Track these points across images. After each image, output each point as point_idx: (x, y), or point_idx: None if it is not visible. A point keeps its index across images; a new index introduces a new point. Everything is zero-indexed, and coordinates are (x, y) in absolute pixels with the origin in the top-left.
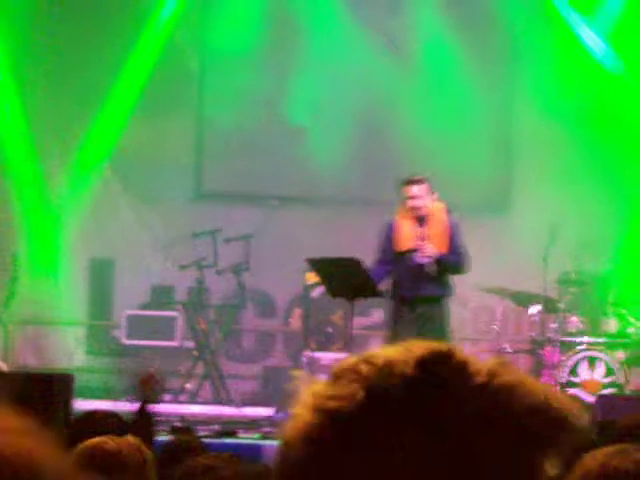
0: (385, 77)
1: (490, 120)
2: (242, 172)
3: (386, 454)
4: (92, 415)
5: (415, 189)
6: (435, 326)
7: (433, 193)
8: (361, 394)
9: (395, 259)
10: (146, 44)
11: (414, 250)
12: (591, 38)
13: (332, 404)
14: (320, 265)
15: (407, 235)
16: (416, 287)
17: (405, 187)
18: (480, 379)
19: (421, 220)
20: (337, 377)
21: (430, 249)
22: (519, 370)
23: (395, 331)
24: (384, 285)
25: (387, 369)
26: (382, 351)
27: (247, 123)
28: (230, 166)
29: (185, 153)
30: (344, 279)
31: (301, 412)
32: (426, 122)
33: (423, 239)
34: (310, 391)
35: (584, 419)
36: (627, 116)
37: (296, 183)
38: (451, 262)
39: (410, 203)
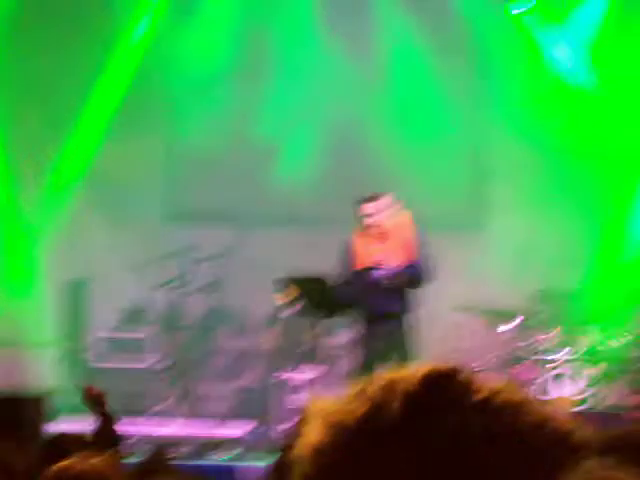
0: (358, 94)
1: (463, 138)
2: (213, 192)
3: (383, 467)
4: (61, 438)
5: (370, 207)
6: (397, 343)
7: (394, 205)
8: (362, 409)
9: (354, 278)
10: (117, 66)
11: (371, 268)
12: (563, 54)
13: (336, 417)
14: (289, 284)
15: (364, 253)
16: (375, 304)
17: (360, 205)
18: (483, 396)
19: (381, 236)
20: (349, 396)
21: (387, 265)
22: (523, 389)
23: (362, 350)
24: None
25: (390, 386)
26: (392, 371)
27: (218, 143)
28: (201, 186)
29: (156, 174)
30: (314, 298)
31: (311, 425)
32: (400, 140)
33: (382, 256)
34: (319, 407)
35: (586, 436)
36: (598, 135)
37: (267, 202)
38: (408, 276)
39: (366, 221)
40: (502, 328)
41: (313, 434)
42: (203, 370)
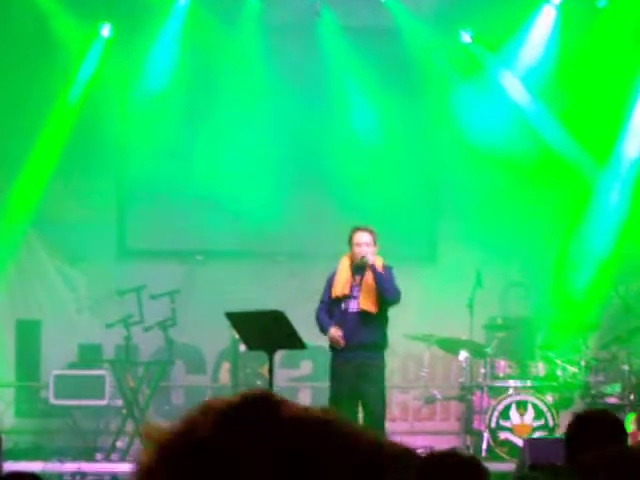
0: (313, 130)
1: (419, 174)
2: (165, 228)
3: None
4: (13, 477)
5: (364, 236)
6: (371, 374)
7: (376, 245)
8: (180, 428)
9: (332, 304)
10: (66, 103)
11: (349, 296)
12: (515, 88)
13: (159, 438)
14: (238, 319)
15: (343, 281)
16: (352, 334)
17: (355, 234)
18: (290, 414)
19: (360, 269)
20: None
21: (372, 255)
22: (346, 419)
23: (334, 378)
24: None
25: (206, 407)
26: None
27: (168, 178)
28: (153, 222)
29: (107, 211)
30: (265, 332)
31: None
32: (355, 173)
33: (359, 288)
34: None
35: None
36: (547, 164)
37: (220, 238)
38: (389, 282)
39: (357, 249)
40: (460, 356)
41: (144, 457)
42: (161, 406)
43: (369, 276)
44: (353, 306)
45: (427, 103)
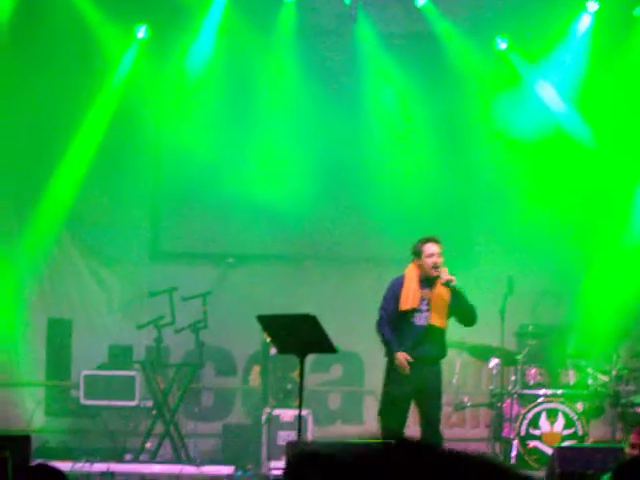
0: (347, 134)
1: (452, 187)
2: (198, 231)
3: None
4: (40, 469)
5: (434, 247)
6: (431, 385)
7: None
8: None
9: (398, 317)
10: (101, 105)
11: (417, 310)
12: (551, 96)
13: None
14: (269, 322)
15: (413, 294)
16: (416, 347)
17: (426, 244)
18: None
19: (428, 281)
20: None
21: (447, 273)
22: None
23: (392, 384)
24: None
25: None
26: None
27: (201, 182)
28: (186, 225)
29: (141, 214)
30: (296, 336)
31: None
32: (389, 179)
33: (428, 301)
34: None
35: None
36: (582, 173)
37: (252, 241)
38: (468, 300)
39: (431, 260)
40: (491, 363)
41: None
42: (190, 408)
43: (440, 290)
44: (421, 320)
45: (463, 109)
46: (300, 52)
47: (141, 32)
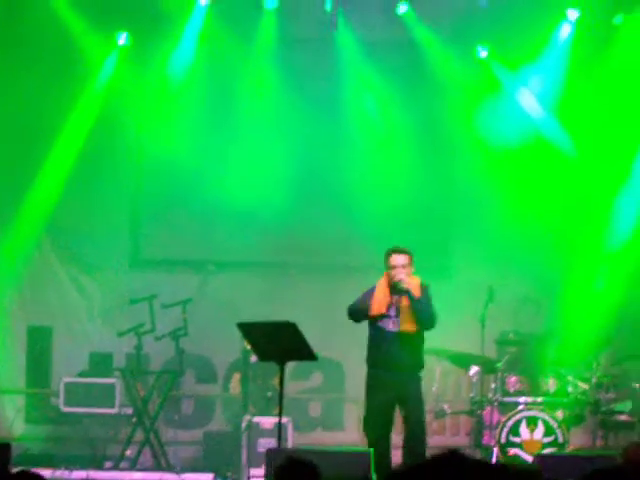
0: (327, 140)
1: (429, 184)
2: (178, 238)
3: None
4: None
5: (399, 259)
6: (410, 394)
7: (412, 266)
8: None
9: (370, 324)
10: (82, 111)
11: (387, 316)
12: (531, 104)
13: None
14: (249, 329)
15: (381, 301)
16: (391, 354)
17: (391, 256)
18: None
19: (397, 290)
20: None
21: (407, 277)
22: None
23: (371, 396)
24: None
25: None
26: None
27: (181, 189)
28: (166, 232)
29: (121, 221)
30: (276, 343)
31: None
32: (369, 187)
33: (396, 308)
34: None
35: None
36: (562, 180)
37: (232, 248)
38: (423, 302)
39: (392, 272)
40: (471, 371)
41: None
42: (170, 415)
43: (406, 298)
44: (391, 326)
45: (443, 117)
46: (281, 59)
47: (122, 39)
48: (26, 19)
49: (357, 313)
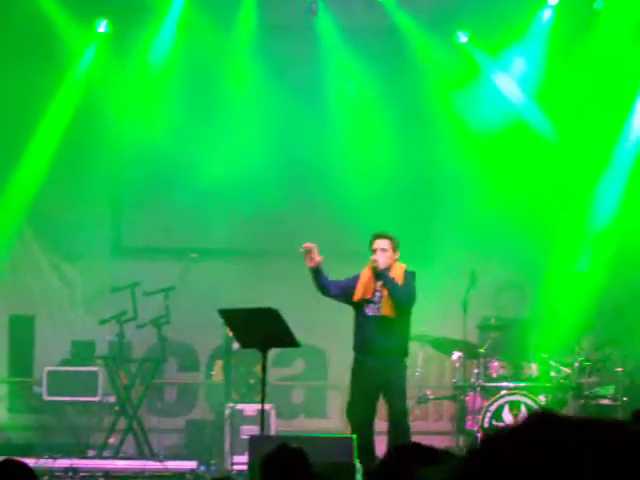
0: (308, 127)
1: (411, 179)
2: (161, 226)
3: None
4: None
5: (379, 243)
6: (393, 379)
7: (396, 252)
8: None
9: (355, 309)
10: (63, 100)
11: (370, 301)
12: (511, 89)
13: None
14: (231, 316)
15: (365, 286)
16: (374, 338)
17: (374, 241)
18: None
19: (376, 274)
20: None
21: (384, 259)
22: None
23: (355, 381)
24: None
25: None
26: None
27: (163, 176)
28: (148, 220)
29: (103, 209)
30: (258, 330)
31: None
32: (350, 172)
33: (380, 294)
34: None
35: None
36: (543, 165)
37: (215, 236)
38: (397, 284)
39: (373, 256)
40: (454, 356)
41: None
42: (153, 403)
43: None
44: (374, 311)
45: (424, 102)
46: (261, 46)
47: (102, 27)
48: (6, 7)
49: (321, 289)
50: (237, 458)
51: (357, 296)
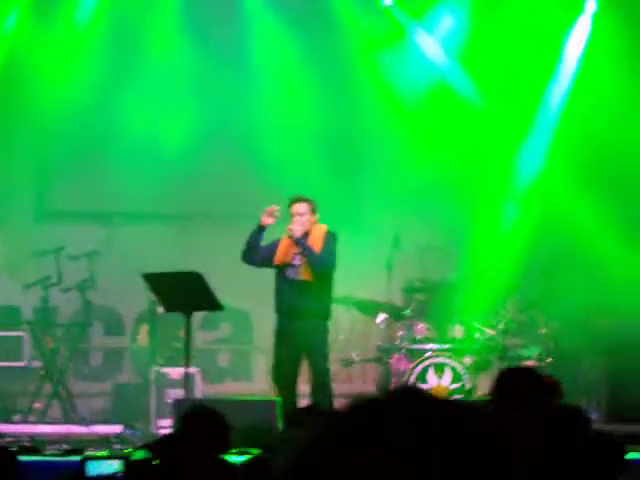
0: (231, 89)
1: (336, 139)
2: (85, 189)
3: None
4: None
5: (297, 207)
6: (314, 341)
7: (315, 214)
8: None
9: (275, 272)
10: None
11: (290, 265)
12: (435, 52)
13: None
14: (154, 280)
15: (285, 250)
16: (294, 301)
17: (291, 205)
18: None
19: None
20: None
21: (300, 227)
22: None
23: (278, 344)
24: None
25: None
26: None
27: (87, 138)
28: (72, 184)
29: (25, 171)
30: (181, 293)
31: None
32: (274, 135)
33: (300, 257)
34: None
35: None
36: (467, 128)
37: (140, 199)
38: (314, 253)
39: (289, 225)
40: (378, 319)
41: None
42: (79, 368)
43: (312, 246)
44: (294, 275)
45: (348, 65)
46: (184, 7)
47: None
48: None
49: (246, 253)
50: (162, 422)
51: (277, 260)
